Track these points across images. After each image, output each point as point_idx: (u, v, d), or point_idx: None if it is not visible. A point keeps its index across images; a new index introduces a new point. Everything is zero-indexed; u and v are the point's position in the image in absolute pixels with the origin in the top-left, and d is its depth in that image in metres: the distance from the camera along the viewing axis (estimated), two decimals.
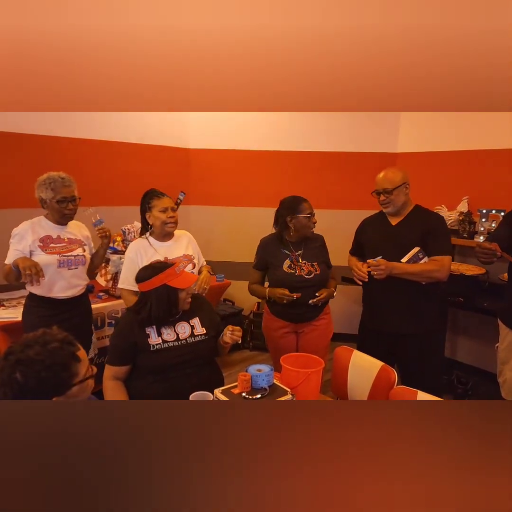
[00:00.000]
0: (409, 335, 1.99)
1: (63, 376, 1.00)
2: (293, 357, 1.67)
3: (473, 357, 3.18)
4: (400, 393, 1.59)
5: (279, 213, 2.16)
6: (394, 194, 1.94)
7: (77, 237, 2.18)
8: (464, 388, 2.80)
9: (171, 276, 1.63)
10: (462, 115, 3.09)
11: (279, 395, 1.41)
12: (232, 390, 1.44)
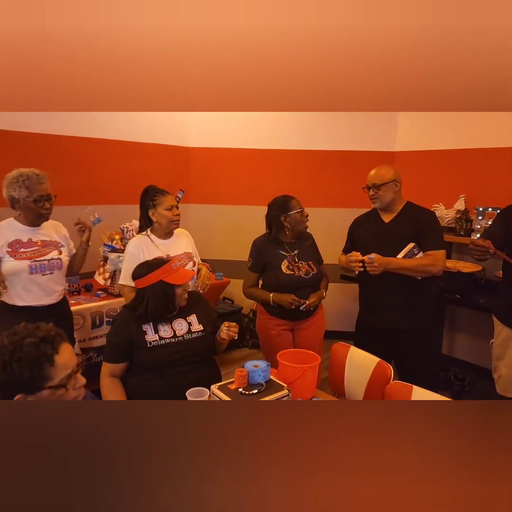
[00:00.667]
0: (405, 331, 2.00)
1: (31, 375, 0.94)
2: (289, 353, 1.68)
3: (470, 354, 3.20)
4: (396, 388, 1.60)
5: (271, 216, 2.17)
6: (382, 190, 1.97)
7: (53, 238, 2.00)
8: (461, 384, 2.82)
9: (167, 272, 1.64)
10: (459, 115, 3.11)
11: (276, 391, 1.42)
12: (228, 386, 1.45)
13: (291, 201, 2.14)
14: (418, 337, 2.02)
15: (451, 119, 3.19)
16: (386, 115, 3.54)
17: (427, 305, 2.06)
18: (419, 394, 1.53)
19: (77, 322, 2.42)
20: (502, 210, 2.01)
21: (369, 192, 2.02)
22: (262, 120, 3.69)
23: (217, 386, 1.45)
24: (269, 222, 2.19)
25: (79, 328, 2.44)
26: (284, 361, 1.57)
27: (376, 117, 3.58)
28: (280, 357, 1.61)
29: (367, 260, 1.85)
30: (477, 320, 3.04)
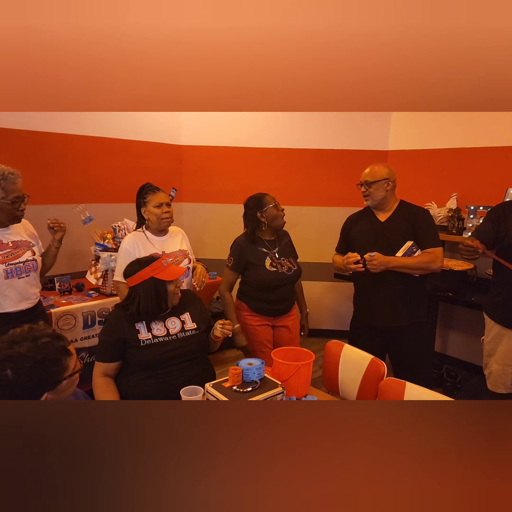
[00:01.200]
0: (400, 327, 2.01)
1: (54, 370, 1.00)
2: (283, 351, 1.68)
3: (462, 351, 3.22)
4: (389, 385, 1.60)
5: (247, 215, 2.18)
6: (373, 187, 1.98)
7: (23, 238, 1.88)
8: (453, 381, 2.83)
9: (158, 269, 1.63)
10: (452, 114, 3.13)
11: (270, 388, 1.42)
12: (223, 384, 1.44)
13: (265, 197, 2.15)
14: (414, 334, 2.03)
15: (444, 118, 3.22)
16: (380, 114, 3.56)
17: (421, 301, 2.09)
18: (412, 391, 1.54)
19: (68, 322, 2.39)
20: (492, 209, 2.03)
21: (361, 189, 2.04)
22: (255, 118, 3.68)
23: (211, 384, 1.44)
24: (246, 220, 2.19)
25: (71, 328, 2.41)
26: (279, 359, 1.57)
27: (370, 116, 3.60)
28: (274, 355, 1.61)
29: (368, 257, 1.85)
30: (469, 317, 3.06)
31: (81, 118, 3.05)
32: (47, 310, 2.27)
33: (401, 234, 1.97)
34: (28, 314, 1.86)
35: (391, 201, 2.04)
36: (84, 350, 2.48)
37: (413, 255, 1.95)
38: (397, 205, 2.04)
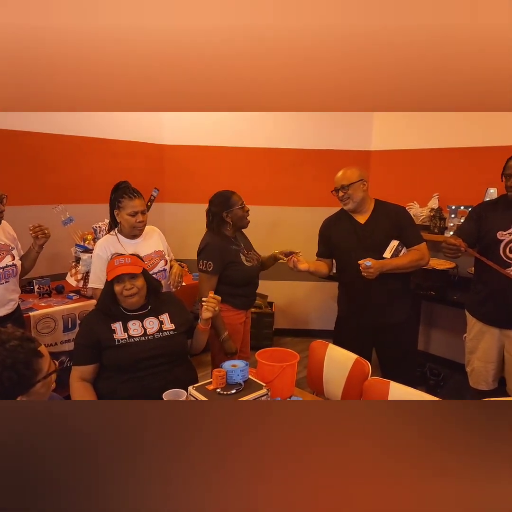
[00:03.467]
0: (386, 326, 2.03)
1: (26, 374, 0.98)
2: (268, 352, 1.66)
3: (444, 349, 3.27)
4: (373, 385, 1.61)
5: (212, 212, 2.12)
6: (351, 189, 1.98)
7: (2, 241, 1.82)
8: (436, 379, 2.87)
9: (110, 267, 1.63)
10: (433, 115, 3.16)
11: (254, 390, 1.40)
12: (206, 386, 1.42)
13: (232, 196, 2.10)
14: (399, 332, 2.05)
15: (426, 119, 3.25)
16: (362, 114, 3.57)
17: (406, 300, 2.11)
18: (396, 390, 1.54)
19: (47, 325, 2.33)
20: (473, 209, 2.06)
21: (339, 194, 2.02)
22: (238, 118, 3.66)
23: (194, 387, 1.41)
24: (211, 218, 2.13)
25: (50, 332, 2.35)
26: (263, 360, 1.55)
27: (352, 116, 3.61)
28: (258, 356, 1.59)
29: (363, 266, 1.84)
30: (451, 316, 3.10)
31: (60, 117, 2.99)
32: (25, 313, 2.21)
33: (384, 234, 1.98)
34: (6, 319, 1.81)
35: (367, 202, 2.04)
36: (64, 354, 2.42)
37: (400, 254, 1.97)
38: (373, 205, 2.05)
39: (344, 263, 2.08)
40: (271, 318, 3.61)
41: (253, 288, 2.23)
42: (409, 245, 1.99)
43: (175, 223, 3.72)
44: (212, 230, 2.12)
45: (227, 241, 2.12)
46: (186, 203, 3.78)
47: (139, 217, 1.93)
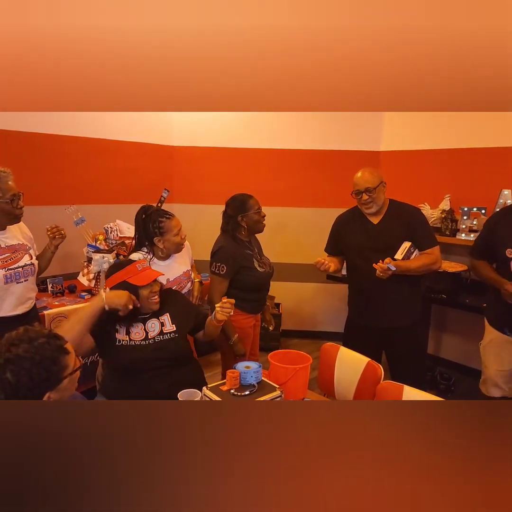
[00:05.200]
0: (396, 328, 2.02)
1: (54, 370, 1.01)
2: (280, 353, 1.66)
3: (455, 353, 3.23)
4: (387, 388, 1.60)
5: (227, 215, 2.11)
6: (375, 193, 1.95)
7: (20, 241, 1.83)
8: (447, 384, 2.85)
9: (131, 273, 1.61)
10: (445, 114, 3.12)
11: (268, 392, 1.40)
12: (220, 387, 1.42)
13: (249, 200, 2.09)
14: (409, 335, 2.04)
15: (436, 119, 3.22)
16: (372, 114, 3.55)
17: (417, 302, 2.09)
18: (410, 394, 1.53)
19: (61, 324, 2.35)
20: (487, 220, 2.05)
21: (362, 197, 1.97)
22: (247, 119, 3.67)
23: (208, 387, 1.42)
24: (226, 221, 2.13)
25: None
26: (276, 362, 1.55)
27: (362, 117, 3.59)
28: (271, 358, 1.59)
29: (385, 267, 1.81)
30: (463, 319, 3.07)
31: (74, 119, 3.01)
32: (40, 312, 2.24)
33: (396, 235, 1.97)
34: (24, 317, 1.83)
35: (385, 203, 2.03)
36: None
37: (412, 256, 1.95)
38: (387, 205, 2.03)
39: (354, 262, 2.08)
40: (278, 319, 3.60)
41: (264, 293, 2.22)
42: (421, 248, 1.96)
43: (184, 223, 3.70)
44: (227, 232, 2.11)
45: (242, 245, 2.11)
46: (195, 204, 3.79)
47: (182, 233, 1.98)
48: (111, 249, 2.64)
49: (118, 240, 2.73)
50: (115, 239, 2.72)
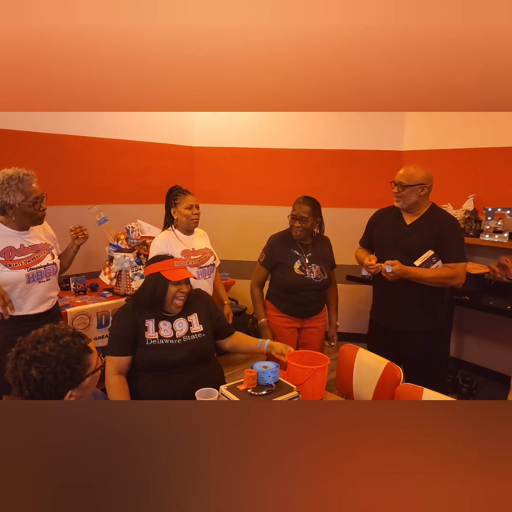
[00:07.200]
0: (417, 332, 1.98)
1: (78, 368, 1.03)
2: (298, 354, 1.66)
3: (478, 356, 3.16)
4: (406, 391, 1.58)
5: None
6: (406, 191, 1.91)
7: (43, 241, 1.87)
8: (469, 387, 2.79)
9: (166, 266, 1.66)
10: (468, 114, 3.08)
11: (285, 392, 1.41)
12: (238, 386, 1.43)
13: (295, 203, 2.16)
14: (431, 338, 1.99)
15: (459, 118, 3.16)
16: (394, 114, 3.52)
17: (441, 306, 2.03)
18: (429, 397, 1.51)
19: (83, 321, 2.41)
20: None
21: (394, 189, 1.95)
22: (268, 119, 3.67)
23: (226, 386, 1.43)
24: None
25: (85, 328, 2.43)
26: (293, 362, 1.55)
27: (384, 117, 3.56)
28: (289, 358, 1.59)
29: (383, 269, 1.82)
30: (486, 322, 3.00)
31: (97, 120, 3.08)
32: (63, 309, 2.29)
33: (423, 241, 1.91)
34: (45, 315, 1.87)
35: (422, 205, 1.96)
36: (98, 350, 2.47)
37: (432, 266, 1.89)
38: (427, 209, 1.96)
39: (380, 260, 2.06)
40: None
41: (300, 299, 2.15)
42: (445, 260, 1.89)
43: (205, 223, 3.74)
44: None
45: (290, 243, 2.16)
46: (215, 204, 3.82)
47: (194, 209, 2.19)
48: (132, 249, 2.69)
49: (139, 239, 2.77)
50: (136, 238, 2.76)
